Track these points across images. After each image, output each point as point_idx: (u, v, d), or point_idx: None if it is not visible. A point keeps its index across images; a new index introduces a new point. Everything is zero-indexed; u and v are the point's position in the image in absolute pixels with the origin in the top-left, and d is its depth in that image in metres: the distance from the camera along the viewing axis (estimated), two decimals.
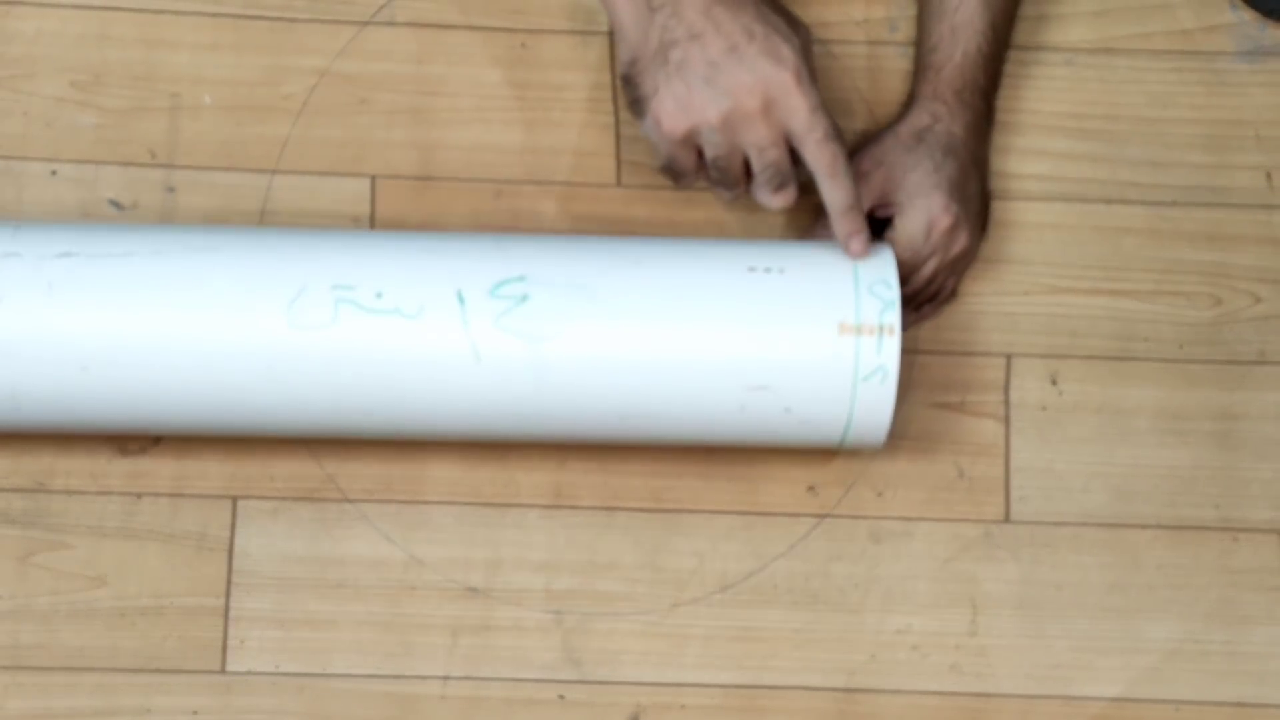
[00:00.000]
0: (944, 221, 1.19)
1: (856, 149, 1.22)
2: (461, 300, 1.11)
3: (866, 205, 1.19)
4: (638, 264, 1.14)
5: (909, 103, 1.24)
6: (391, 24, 1.27)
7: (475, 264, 1.12)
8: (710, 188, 1.18)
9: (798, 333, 1.12)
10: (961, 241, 1.20)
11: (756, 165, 1.14)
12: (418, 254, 1.13)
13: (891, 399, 1.12)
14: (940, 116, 1.21)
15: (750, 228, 1.25)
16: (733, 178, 1.16)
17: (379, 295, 1.11)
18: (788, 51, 1.11)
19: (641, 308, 1.12)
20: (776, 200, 1.16)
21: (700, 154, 1.15)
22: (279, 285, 1.11)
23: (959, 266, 1.22)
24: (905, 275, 1.18)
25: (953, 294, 1.24)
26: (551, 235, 1.20)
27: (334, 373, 1.11)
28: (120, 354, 1.11)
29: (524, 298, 1.11)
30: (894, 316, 1.12)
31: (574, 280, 1.12)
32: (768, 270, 1.13)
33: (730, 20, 1.11)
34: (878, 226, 1.20)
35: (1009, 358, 1.24)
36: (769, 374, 1.12)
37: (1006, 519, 1.22)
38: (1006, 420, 1.23)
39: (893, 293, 1.12)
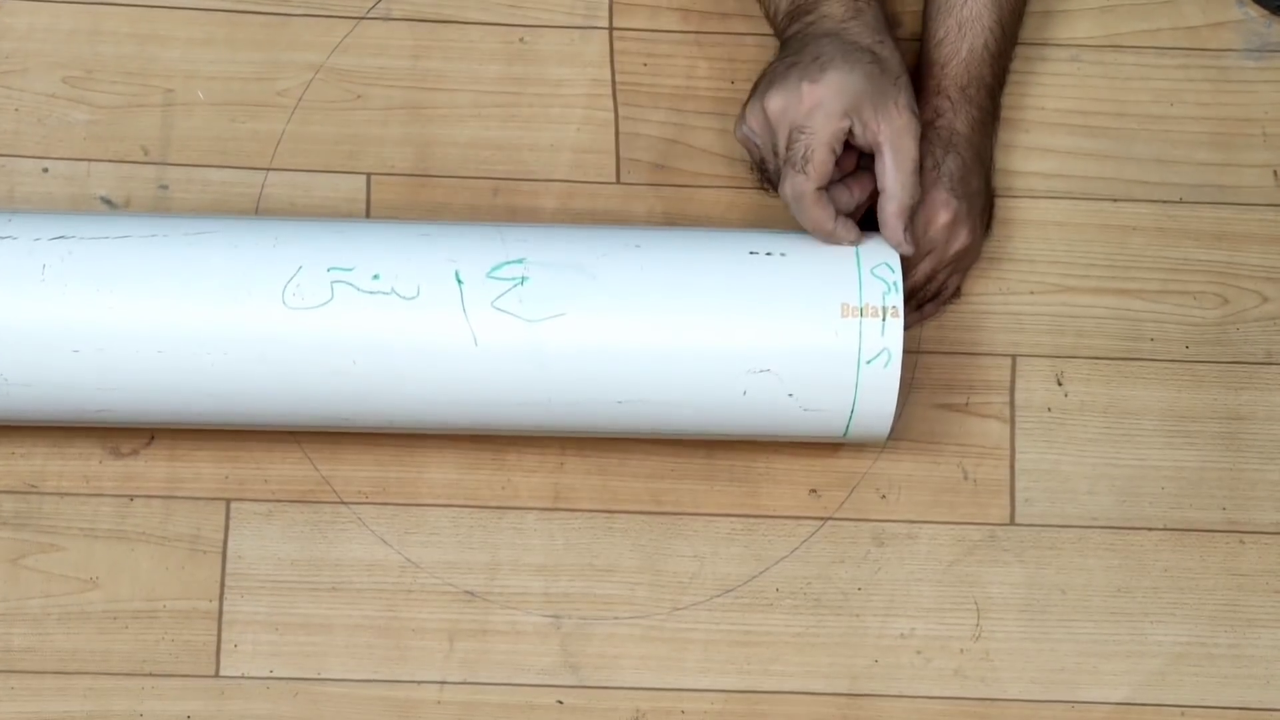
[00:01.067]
0: (942, 217, 1.18)
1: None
2: (459, 281, 1.10)
3: (865, 199, 1.18)
4: (638, 247, 1.13)
5: None
6: (388, 19, 1.26)
7: (473, 247, 1.12)
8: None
9: (800, 315, 1.11)
10: (961, 238, 1.19)
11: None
12: (415, 238, 1.13)
13: (895, 382, 1.11)
14: (943, 112, 1.20)
15: (753, 225, 1.24)
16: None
17: (376, 277, 1.10)
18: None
19: (642, 290, 1.11)
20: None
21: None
22: (275, 267, 1.10)
23: (961, 264, 1.21)
24: (903, 271, 1.17)
25: (956, 293, 1.23)
26: (551, 224, 1.20)
27: (330, 354, 1.10)
28: (112, 336, 1.10)
29: (522, 279, 1.10)
30: (897, 299, 1.11)
31: (573, 262, 1.11)
32: (769, 254, 1.13)
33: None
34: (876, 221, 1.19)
35: (1014, 358, 1.23)
36: (771, 357, 1.11)
37: (1011, 521, 1.21)
38: (1011, 421, 1.22)
39: (895, 275, 1.12)
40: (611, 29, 1.27)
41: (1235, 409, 1.23)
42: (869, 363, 1.11)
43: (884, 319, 1.11)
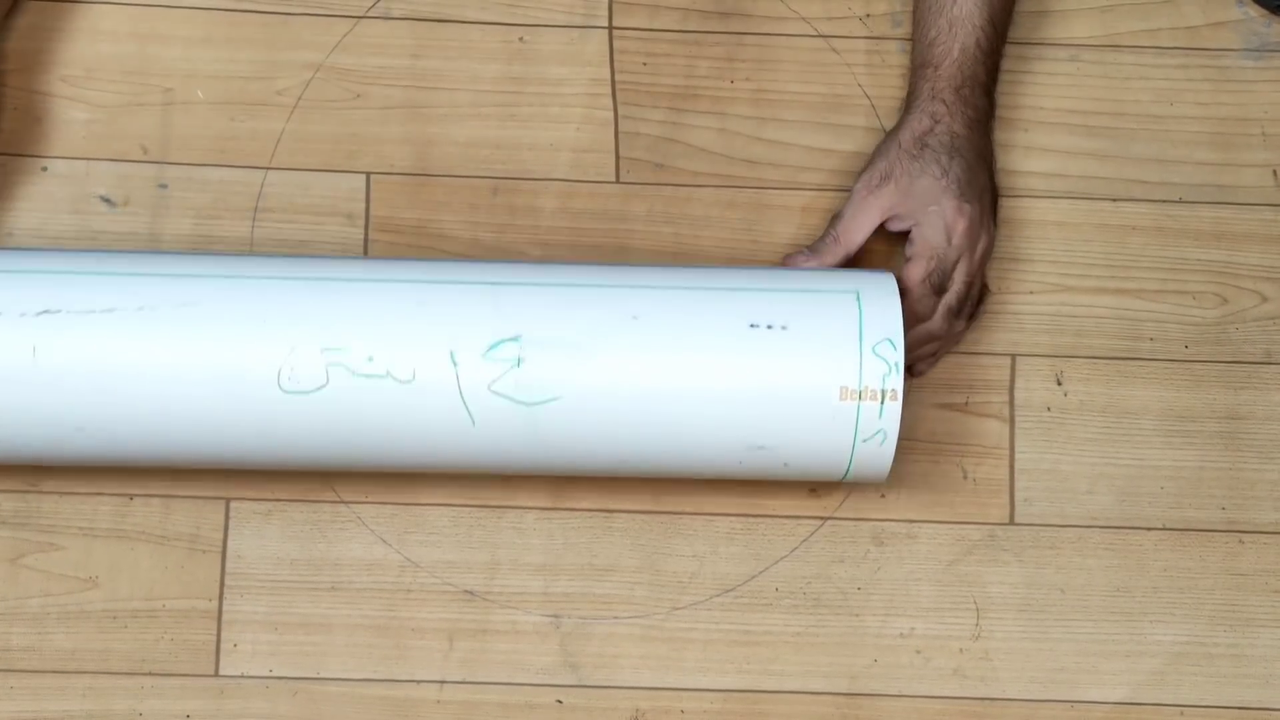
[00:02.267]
0: (960, 223, 1.18)
1: (861, 163, 1.22)
2: (454, 363, 1.09)
3: (878, 219, 1.19)
4: (635, 319, 1.11)
5: (908, 105, 1.22)
6: (387, 18, 1.26)
7: (468, 320, 1.10)
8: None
9: (797, 397, 1.10)
10: (984, 240, 1.19)
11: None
12: (409, 307, 1.11)
13: (890, 458, 1.11)
14: (940, 117, 1.20)
15: (752, 224, 1.24)
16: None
17: (370, 359, 1.09)
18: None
19: (639, 368, 1.10)
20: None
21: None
22: (268, 347, 1.09)
23: (984, 263, 1.21)
24: (941, 283, 1.17)
25: (985, 290, 1.22)
26: (548, 284, 1.14)
27: (327, 436, 1.10)
28: (113, 419, 1.10)
29: (518, 361, 1.09)
30: (896, 381, 1.09)
31: (569, 339, 1.10)
32: (769, 326, 1.11)
33: None
34: (895, 240, 1.19)
35: (1013, 357, 1.23)
36: (768, 435, 1.11)
37: (1011, 521, 1.21)
38: (1011, 421, 1.22)
39: (897, 355, 1.10)
40: (611, 28, 1.27)
41: (1234, 408, 1.23)
42: (865, 441, 1.10)
43: (882, 402, 1.10)
